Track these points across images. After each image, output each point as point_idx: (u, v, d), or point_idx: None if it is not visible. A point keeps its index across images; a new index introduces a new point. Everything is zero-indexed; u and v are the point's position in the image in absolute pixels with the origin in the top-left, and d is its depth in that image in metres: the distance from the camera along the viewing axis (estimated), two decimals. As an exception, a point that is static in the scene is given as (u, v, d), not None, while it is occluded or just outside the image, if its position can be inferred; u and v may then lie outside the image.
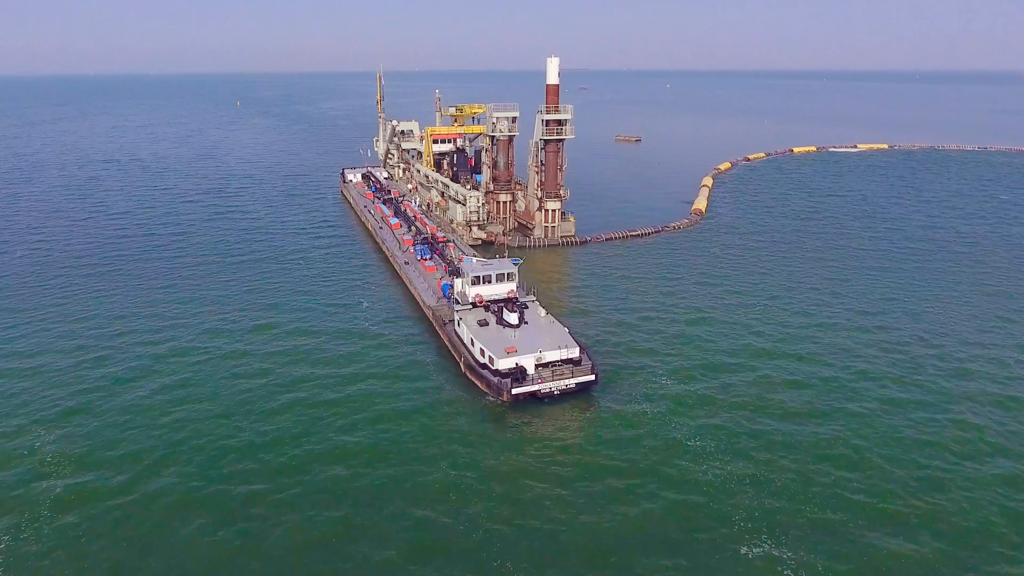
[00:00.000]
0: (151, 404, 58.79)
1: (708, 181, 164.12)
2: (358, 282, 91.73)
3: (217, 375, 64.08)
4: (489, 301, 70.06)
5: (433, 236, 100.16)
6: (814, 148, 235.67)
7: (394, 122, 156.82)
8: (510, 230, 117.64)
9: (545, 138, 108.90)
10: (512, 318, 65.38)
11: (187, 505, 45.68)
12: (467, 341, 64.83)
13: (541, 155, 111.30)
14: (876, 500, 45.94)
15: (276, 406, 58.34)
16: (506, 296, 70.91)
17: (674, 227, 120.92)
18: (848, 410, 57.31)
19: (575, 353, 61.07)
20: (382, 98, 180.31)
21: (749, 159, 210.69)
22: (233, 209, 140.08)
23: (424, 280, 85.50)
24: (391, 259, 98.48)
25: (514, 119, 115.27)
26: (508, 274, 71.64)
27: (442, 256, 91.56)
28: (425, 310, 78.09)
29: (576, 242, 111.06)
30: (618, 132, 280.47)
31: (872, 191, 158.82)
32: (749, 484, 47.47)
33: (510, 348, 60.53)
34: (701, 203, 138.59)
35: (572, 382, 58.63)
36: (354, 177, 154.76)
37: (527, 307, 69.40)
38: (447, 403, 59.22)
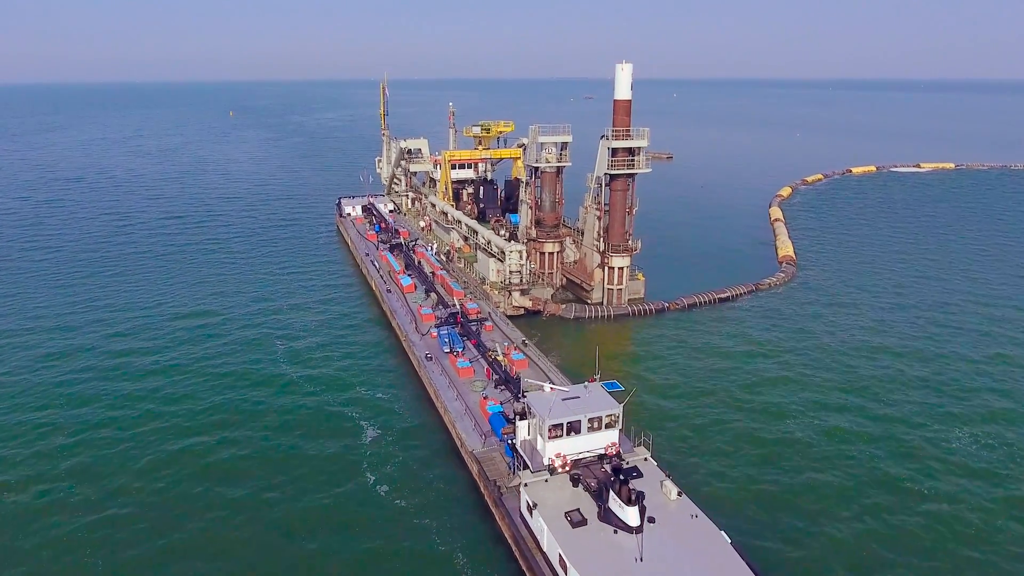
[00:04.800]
0: None
1: (777, 213, 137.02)
2: (356, 387, 63.29)
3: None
4: (576, 463, 42.19)
5: (463, 311, 71.72)
6: (874, 168, 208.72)
7: (402, 142, 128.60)
8: (559, 288, 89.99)
9: (612, 172, 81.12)
10: (630, 516, 37.13)
11: None
12: (554, 559, 36.90)
13: (605, 194, 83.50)
14: None
15: None
16: (604, 452, 42.93)
17: (768, 284, 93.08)
18: None
19: (757, 599, 33.26)
20: (386, 112, 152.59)
21: (807, 181, 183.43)
22: (204, 246, 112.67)
23: (458, 395, 56.85)
24: (404, 344, 70.13)
25: (564, 145, 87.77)
26: (607, 417, 43.09)
27: (480, 348, 63.29)
28: (466, 457, 49.91)
29: (650, 311, 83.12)
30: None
31: (968, 223, 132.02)
32: None
33: (644, 602, 32.60)
34: (786, 247, 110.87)
35: None
36: (353, 210, 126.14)
37: (639, 474, 41.53)
38: None
